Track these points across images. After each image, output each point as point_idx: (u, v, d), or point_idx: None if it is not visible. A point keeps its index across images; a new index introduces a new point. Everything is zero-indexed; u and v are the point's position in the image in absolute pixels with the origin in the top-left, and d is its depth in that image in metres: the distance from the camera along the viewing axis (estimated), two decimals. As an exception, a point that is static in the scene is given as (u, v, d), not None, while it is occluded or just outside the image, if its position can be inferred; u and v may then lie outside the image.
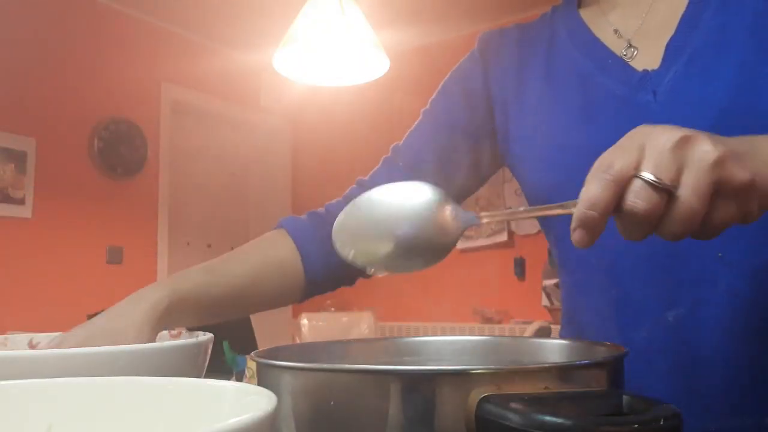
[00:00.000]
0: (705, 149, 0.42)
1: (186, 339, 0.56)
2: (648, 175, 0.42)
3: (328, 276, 0.80)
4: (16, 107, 3.23)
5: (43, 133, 3.31)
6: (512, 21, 0.88)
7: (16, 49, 3.23)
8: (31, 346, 0.64)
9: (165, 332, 0.64)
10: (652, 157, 0.42)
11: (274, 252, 0.79)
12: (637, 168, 0.43)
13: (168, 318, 0.64)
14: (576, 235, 0.44)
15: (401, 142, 0.87)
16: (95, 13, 3.57)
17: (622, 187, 0.43)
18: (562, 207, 0.46)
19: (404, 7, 3.56)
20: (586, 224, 0.44)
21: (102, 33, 3.59)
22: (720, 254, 0.64)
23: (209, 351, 0.58)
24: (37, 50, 3.31)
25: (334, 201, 0.84)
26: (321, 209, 0.83)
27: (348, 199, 0.81)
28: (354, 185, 0.84)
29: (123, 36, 3.68)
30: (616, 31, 0.75)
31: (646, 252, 0.67)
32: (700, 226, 0.44)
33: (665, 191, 0.42)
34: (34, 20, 3.31)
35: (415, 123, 0.87)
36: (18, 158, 3.20)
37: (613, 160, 0.43)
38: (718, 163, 0.42)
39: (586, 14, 0.79)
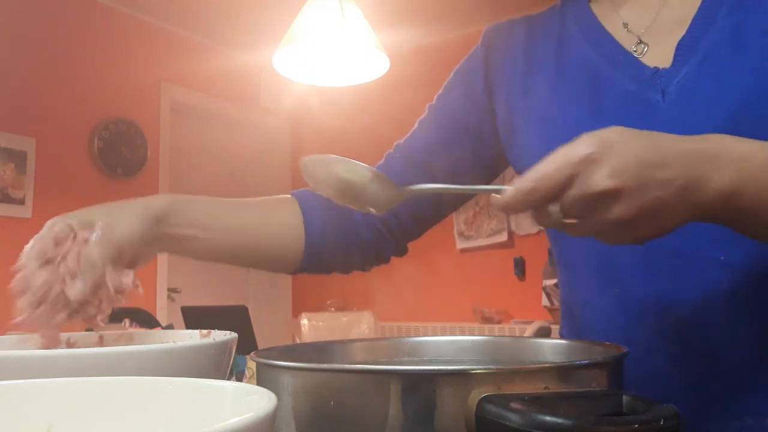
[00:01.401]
0: (616, 212, 0.48)
1: (216, 338, 0.55)
2: (557, 212, 0.49)
3: (327, 248, 0.82)
4: (16, 107, 3.23)
5: (43, 133, 3.30)
6: (512, 20, 0.88)
7: (15, 50, 3.23)
8: (69, 344, 0.63)
9: (196, 332, 0.64)
10: (570, 199, 0.48)
11: (280, 210, 0.82)
12: (555, 199, 0.49)
13: (166, 219, 0.68)
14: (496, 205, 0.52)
15: (403, 138, 0.88)
16: (95, 13, 3.57)
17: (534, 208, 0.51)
18: (493, 191, 0.52)
19: (404, 7, 3.55)
20: (503, 210, 0.52)
21: (102, 33, 3.59)
22: (722, 257, 0.64)
23: (233, 351, 0.57)
24: (37, 50, 3.31)
25: None
26: None
27: None
28: None
29: (123, 36, 3.68)
30: (625, 25, 0.74)
31: (646, 253, 0.67)
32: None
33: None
34: (34, 20, 3.31)
35: (419, 119, 0.88)
36: (18, 158, 3.20)
37: (538, 186, 0.49)
38: (618, 224, 0.48)
39: (596, 8, 0.78)
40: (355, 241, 0.83)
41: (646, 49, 0.72)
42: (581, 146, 0.48)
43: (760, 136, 0.54)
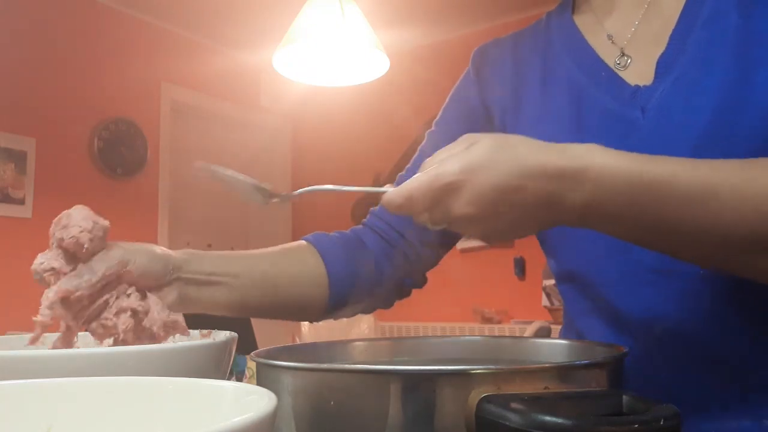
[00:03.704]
0: (474, 231, 0.55)
1: (216, 338, 0.54)
2: (426, 219, 0.56)
3: (352, 291, 0.79)
4: (16, 107, 3.23)
5: (43, 133, 3.30)
6: (511, 21, 0.88)
7: (16, 49, 3.23)
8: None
9: (196, 332, 0.64)
10: (435, 216, 0.54)
11: (299, 258, 0.78)
12: (423, 213, 0.55)
13: (187, 257, 0.65)
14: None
15: (405, 169, 0.87)
16: (95, 13, 3.57)
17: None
18: (377, 191, 0.58)
19: (404, 7, 3.55)
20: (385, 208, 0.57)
21: (102, 33, 3.59)
22: (700, 271, 0.63)
23: (233, 351, 0.57)
24: (37, 50, 3.31)
25: (357, 226, 0.86)
26: (346, 231, 0.85)
27: (366, 225, 0.84)
28: (369, 215, 0.86)
29: (123, 36, 3.68)
30: (610, 37, 0.74)
31: (630, 266, 0.67)
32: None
33: None
34: (34, 20, 3.31)
35: (420, 147, 0.88)
36: (18, 158, 3.20)
37: (406, 204, 0.54)
38: (479, 236, 0.56)
39: (580, 20, 0.77)
40: (378, 279, 0.81)
41: (629, 61, 0.71)
42: (448, 169, 0.52)
43: (732, 156, 0.54)
